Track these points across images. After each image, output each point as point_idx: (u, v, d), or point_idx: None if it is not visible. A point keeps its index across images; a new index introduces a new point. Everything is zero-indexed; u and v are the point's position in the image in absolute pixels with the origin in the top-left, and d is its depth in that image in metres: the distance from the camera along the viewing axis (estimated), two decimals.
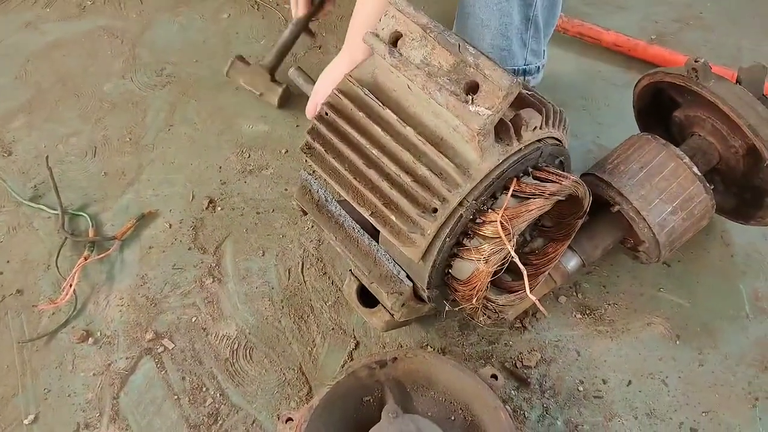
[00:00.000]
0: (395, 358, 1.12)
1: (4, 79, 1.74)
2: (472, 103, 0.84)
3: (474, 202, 0.91)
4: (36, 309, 1.30)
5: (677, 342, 1.25)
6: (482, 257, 0.93)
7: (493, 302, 1.07)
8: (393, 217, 0.93)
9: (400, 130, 0.93)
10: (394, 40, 0.91)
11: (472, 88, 0.85)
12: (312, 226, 1.42)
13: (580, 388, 1.20)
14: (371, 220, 0.97)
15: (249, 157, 1.55)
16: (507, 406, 1.16)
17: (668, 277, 1.34)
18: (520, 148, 0.93)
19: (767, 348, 1.24)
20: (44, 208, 1.45)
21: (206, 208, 1.45)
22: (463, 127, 0.87)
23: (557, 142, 1.04)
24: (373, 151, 0.94)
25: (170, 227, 1.43)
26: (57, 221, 1.42)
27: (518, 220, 0.92)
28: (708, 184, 1.18)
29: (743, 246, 1.38)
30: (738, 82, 1.19)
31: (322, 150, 1.00)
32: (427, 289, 1.01)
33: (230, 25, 1.84)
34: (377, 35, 0.92)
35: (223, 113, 1.64)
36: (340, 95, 0.99)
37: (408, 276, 1.04)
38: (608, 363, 1.23)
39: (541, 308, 1.04)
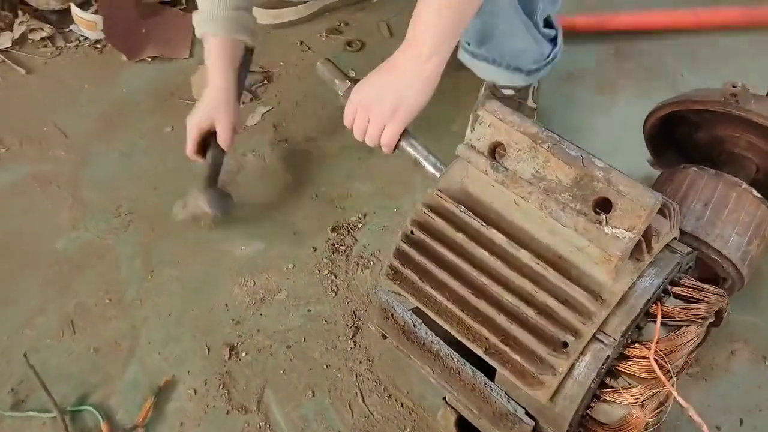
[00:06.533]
0: None
1: None
2: (606, 223, 0.75)
3: (621, 338, 0.80)
4: None
5: (767, 363, 1.21)
6: (637, 402, 0.81)
7: None
8: (515, 356, 0.81)
9: (512, 253, 0.82)
10: (492, 151, 0.80)
11: (603, 206, 0.76)
12: (356, 345, 1.26)
13: None
14: (486, 358, 0.84)
15: (254, 284, 1.37)
16: None
17: (730, 299, 1.29)
18: (651, 262, 0.82)
19: None
20: (34, 413, 1.20)
21: (229, 359, 1.26)
22: (593, 249, 0.77)
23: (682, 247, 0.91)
24: (482, 279, 0.82)
25: (195, 393, 1.22)
26: (56, 425, 1.18)
27: (675, 355, 0.81)
28: None
29: None
30: None
31: (414, 276, 0.88)
32: None
33: (178, 137, 1.63)
34: (473, 147, 0.81)
35: (205, 242, 1.44)
36: (429, 213, 0.87)
37: (527, 412, 0.91)
38: (712, 407, 1.17)
39: None
